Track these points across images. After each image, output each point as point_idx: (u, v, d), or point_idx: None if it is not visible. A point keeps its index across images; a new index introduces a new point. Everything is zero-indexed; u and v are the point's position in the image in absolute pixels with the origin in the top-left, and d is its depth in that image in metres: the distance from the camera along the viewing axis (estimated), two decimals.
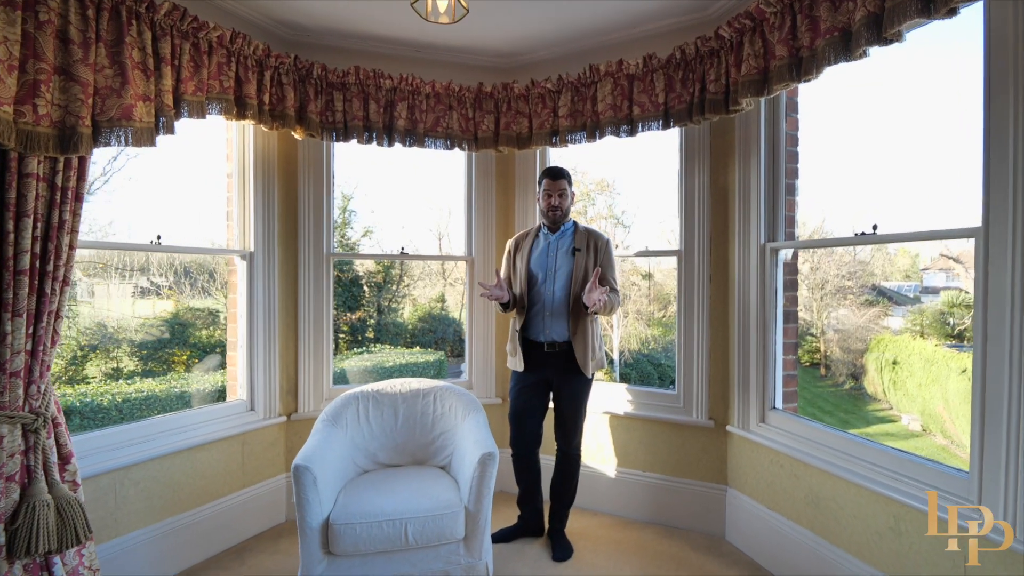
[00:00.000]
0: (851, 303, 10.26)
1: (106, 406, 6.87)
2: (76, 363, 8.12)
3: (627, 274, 12.87)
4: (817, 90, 2.55)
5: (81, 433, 2.11)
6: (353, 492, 2.13)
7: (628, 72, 2.59)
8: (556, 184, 2.49)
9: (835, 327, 10.44)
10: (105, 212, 8.03)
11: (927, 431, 8.29)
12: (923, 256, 10.16)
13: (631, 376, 12.09)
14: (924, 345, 8.66)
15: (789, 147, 2.45)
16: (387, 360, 9.68)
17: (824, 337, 10.46)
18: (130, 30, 1.97)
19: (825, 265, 10.43)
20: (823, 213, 9.59)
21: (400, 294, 12.06)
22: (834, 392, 10.09)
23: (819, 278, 10.44)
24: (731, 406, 2.62)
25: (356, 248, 11.95)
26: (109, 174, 7.83)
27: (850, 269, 10.31)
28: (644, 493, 2.83)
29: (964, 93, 6.29)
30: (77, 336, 8.04)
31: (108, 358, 8.25)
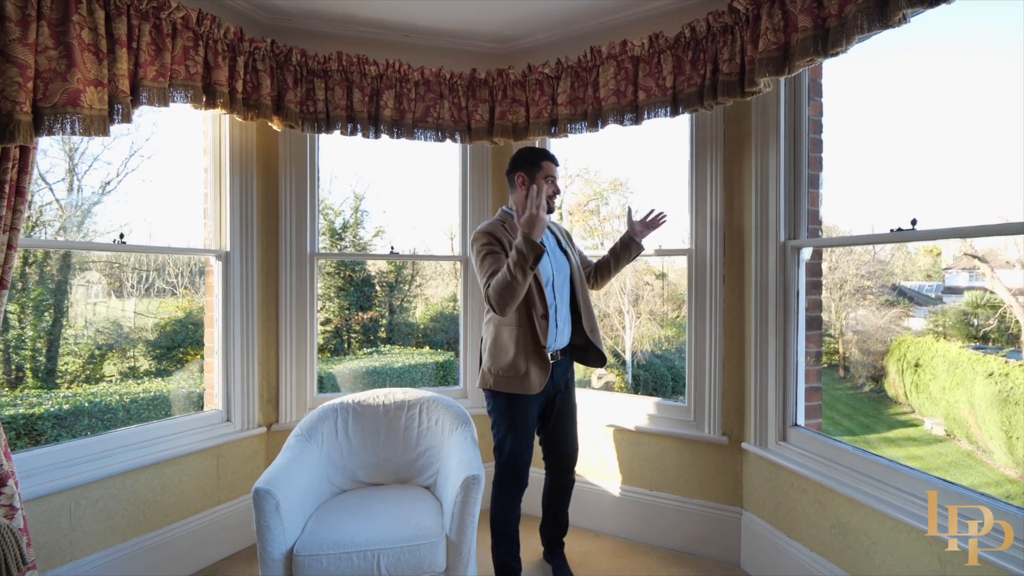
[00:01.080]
0: (871, 303, 9.91)
1: (114, 406, 6.80)
2: (94, 362, 8.10)
3: (640, 273, 12.60)
4: (843, 71, 2.27)
5: (27, 451, 1.93)
6: (325, 517, 1.93)
7: (633, 54, 2.36)
8: (557, 170, 2.19)
9: (854, 328, 10.10)
10: (120, 213, 8.03)
11: (951, 436, 7.98)
12: (945, 255, 9.78)
13: (644, 378, 11.82)
14: (948, 347, 8.35)
15: (812, 134, 2.20)
16: (395, 361, 9.53)
17: (843, 338, 10.13)
18: (79, 8, 1.79)
19: (844, 265, 10.07)
20: (847, 208, 9.21)
21: (412, 294, 11.93)
22: (853, 395, 9.77)
23: (837, 278, 10.09)
24: (747, 421, 2.37)
25: (368, 249, 11.85)
26: (124, 174, 7.82)
27: (870, 268, 9.96)
28: (651, 514, 2.60)
29: (1006, 80, 5.93)
30: (94, 336, 8.02)
31: (124, 357, 8.23)
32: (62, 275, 7.75)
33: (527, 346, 2.03)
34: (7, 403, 6.41)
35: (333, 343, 11.48)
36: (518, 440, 2.07)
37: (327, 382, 8.12)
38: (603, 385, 11.11)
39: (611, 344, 12.19)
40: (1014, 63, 1.49)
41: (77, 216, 8.08)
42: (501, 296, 1.86)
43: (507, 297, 1.86)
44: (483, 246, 2.02)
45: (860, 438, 9.01)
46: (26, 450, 1.94)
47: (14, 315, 7.41)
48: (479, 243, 2.04)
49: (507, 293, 1.85)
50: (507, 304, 1.88)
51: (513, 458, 2.08)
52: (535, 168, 2.15)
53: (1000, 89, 5.84)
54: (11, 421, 5.80)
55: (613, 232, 13.47)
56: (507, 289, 1.84)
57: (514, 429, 2.07)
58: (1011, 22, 1.59)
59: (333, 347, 11.45)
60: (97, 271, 7.94)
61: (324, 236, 11.52)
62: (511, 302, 1.88)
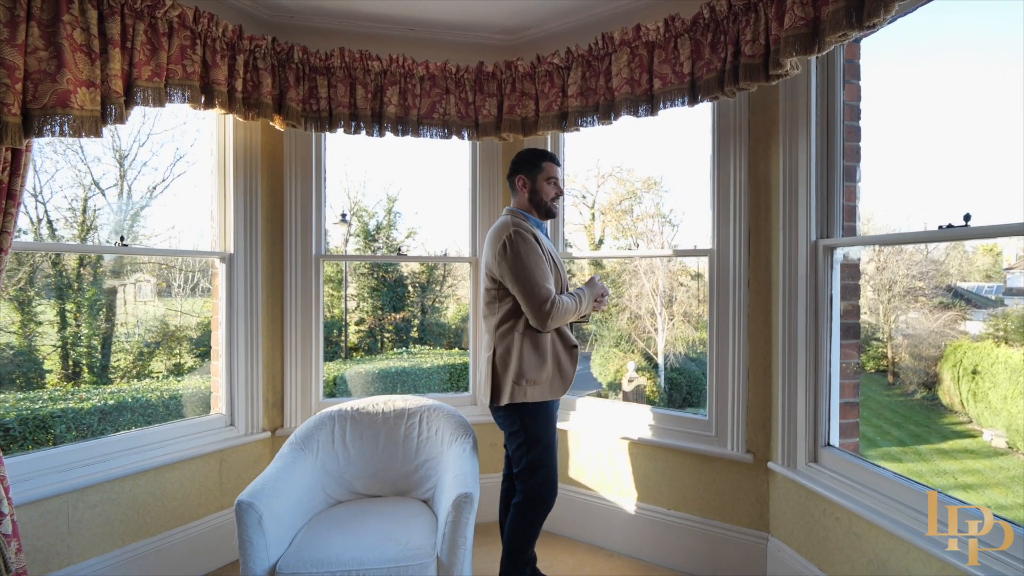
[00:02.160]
0: (923, 306, 9.28)
1: (154, 402, 7.05)
2: (142, 359, 8.45)
3: (675, 274, 12.22)
4: (886, 49, 2.04)
5: (23, 454, 1.93)
6: (314, 531, 1.85)
7: (647, 39, 2.19)
8: (560, 171, 2.10)
9: (904, 332, 9.49)
10: (166, 216, 8.37)
11: (1013, 448, 7.41)
12: (1007, 254, 9.04)
13: (678, 381, 11.46)
14: (1009, 353, 7.74)
15: (848, 121, 1.98)
16: (424, 361, 9.55)
17: (892, 342, 9.53)
18: (70, 8, 1.76)
19: (893, 264, 9.47)
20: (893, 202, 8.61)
21: (444, 294, 11.97)
22: (903, 402, 9.19)
23: (886, 278, 9.50)
24: (774, 438, 2.16)
25: (400, 249, 11.94)
26: (170, 179, 8.16)
27: (921, 269, 9.32)
28: (668, 535, 2.42)
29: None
30: (143, 334, 8.37)
31: (170, 355, 8.56)
32: (114, 276, 8.11)
33: (558, 349, 2.00)
34: (59, 397, 6.74)
35: (367, 342, 11.63)
36: (552, 457, 1.97)
37: (356, 381, 8.19)
38: (634, 389, 10.82)
39: (643, 347, 11.88)
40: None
41: (127, 220, 8.46)
42: (560, 321, 1.93)
43: (561, 324, 1.95)
44: (535, 255, 1.91)
45: (911, 449, 8.47)
46: (23, 453, 1.94)
47: (71, 313, 7.81)
48: (524, 246, 1.90)
49: (563, 322, 1.95)
50: (557, 326, 1.96)
51: (551, 476, 1.95)
52: (536, 170, 2.05)
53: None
54: (62, 415, 6.07)
55: (647, 232, 13.13)
56: (565, 320, 1.95)
57: (548, 446, 1.95)
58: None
59: (367, 346, 11.60)
60: (147, 272, 8.28)
61: (358, 238, 11.68)
62: (560, 326, 1.98)
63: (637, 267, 11.92)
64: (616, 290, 12.30)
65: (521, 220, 2.02)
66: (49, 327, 7.66)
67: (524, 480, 1.94)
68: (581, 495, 2.66)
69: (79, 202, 7.87)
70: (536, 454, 1.93)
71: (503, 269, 1.91)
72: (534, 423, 1.93)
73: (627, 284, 12.26)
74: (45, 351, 7.68)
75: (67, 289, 7.87)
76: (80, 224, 7.95)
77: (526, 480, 1.94)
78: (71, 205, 7.83)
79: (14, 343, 7.35)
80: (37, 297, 7.59)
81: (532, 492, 1.93)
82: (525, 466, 1.94)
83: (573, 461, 2.69)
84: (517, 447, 1.96)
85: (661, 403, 10.90)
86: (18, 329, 7.40)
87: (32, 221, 7.56)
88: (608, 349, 11.69)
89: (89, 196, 7.86)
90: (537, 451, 1.93)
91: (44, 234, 7.52)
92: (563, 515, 2.68)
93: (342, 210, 11.51)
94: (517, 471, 1.97)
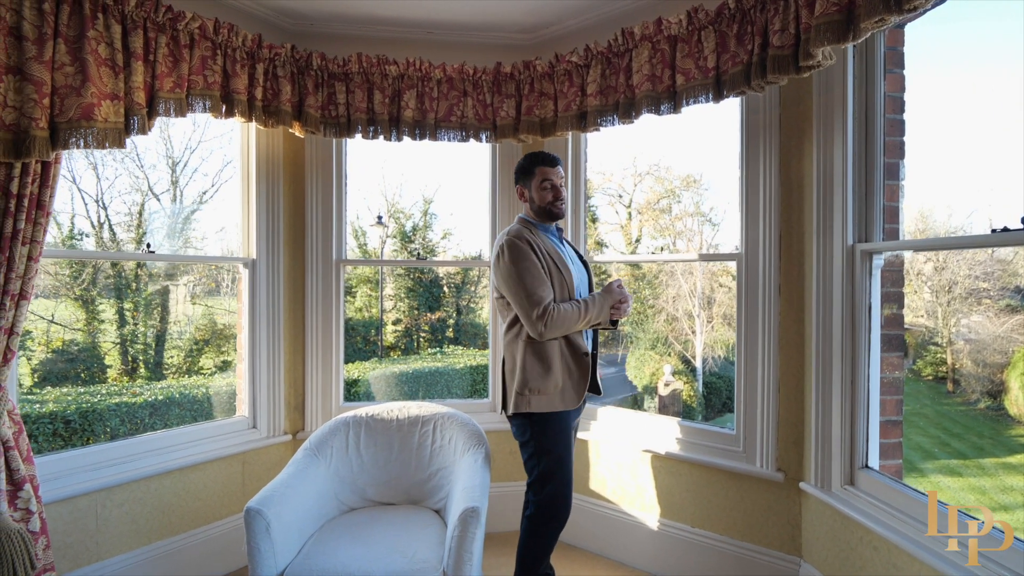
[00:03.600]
0: (987, 308, 8.61)
1: (200, 399, 7.38)
2: (192, 355, 8.89)
3: (715, 275, 11.83)
4: (935, 31, 1.86)
5: (53, 453, 2.01)
6: (324, 539, 1.84)
7: (669, 33, 2.08)
8: (556, 171, 2.00)
9: (966, 336, 8.84)
10: (216, 219, 8.78)
11: None
12: None
13: (717, 386, 11.08)
14: None
15: (890, 114, 1.81)
16: (457, 362, 9.60)
17: (952, 348, 8.90)
18: (95, 24, 1.82)
19: (953, 264, 8.82)
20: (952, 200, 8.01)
21: (479, 295, 12.04)
22: (965, 412, 8.57)
23: (945, 279, 8.88)
24: (807, 457, 2.02)
25: (436, 251, 12.09)
26: (218, 184, 8.55)
27: (986, 269, 8.64)
28: (692, 554, 2.30)
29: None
30: (193, 332, 8.79)
31: (218, 352, 8.96)
32: (168, 277, 8.56)
33: (567, 357, 1.91)
34: (115, 392, 7.14)
35: (403, 342, 11.81)
36: (564, 470, 1.89)
37: (389, 381, 8.30)
38: (670, 393, 10.53)
39: (680, 350, 11.55)
40: None
41: (179, 223, 8.90)
42: (559, 330, 1.86)
43: (562, 333, 1.87)
44: (525, 260, 1.86)
45: (972, 462, 7.91)
46: (53, 453, 2.03)
47: (128, 312, 8.30)
48: (516, 254, 1.87)
49: (565, 330, 1.87)
50: (556, 336, 1.88)
51: (562, 490, 1.87)
52: (529, 176, 2.00)
53: None
54: (116, 408, 6.42)
55: (686, 231, 12.76)
56: (566, 328, 1.86)
57: (559, 458, 1.88)
58: None
59: (403, 346, 11.78)
60: (197, 273, 8.70)
61: (395, 239, 11.88)
62: (560, 336, 1.89)
63: (674, 268, 11.60)
64: (652, 291, 12.01)
65: (524, 227, 1.98)
66: (109, 325, 8.13)
67: (536, 492, 1.89)
68: (601, 508, 2.57)
69: (136, 207, 8.33)
70: (547, 465, 1.87)
71: (498, 278, 1.92)
72: (543, 434, 1.87)
73: (664, 285, 11.95)
74: (106, 348, 8.15)
75: (125, 289, 8.33)
76: (137, 227, 8.41)
77: (537, 492, 1.88)
78: (129, 210, 8.30)
79: (79, 340, 7.84)
80: (99, 297, 8.06)
81: (543, 505, 1.87)
82: (536, 477, 1.88)
83: (593, 472, 2.61)
84: (528, 457, 1.91)
85: (699, 408, 10.56)
86: (83, 327, 7.88)
87: (94, 225, 8.05)
88: (643, 352, 11.42)
89: (145, 201, 8.31)
90: (548, 462, 1.87)
91: (106, 238, 7.99)
92: (583, 527, 2.59)
93: (378, 212, 11.72)
94: (529, 482, 1.92)
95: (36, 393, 6.63)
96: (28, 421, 5.25)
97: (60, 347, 7.67)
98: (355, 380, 7.99)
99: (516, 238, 1.90)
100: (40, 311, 7.54)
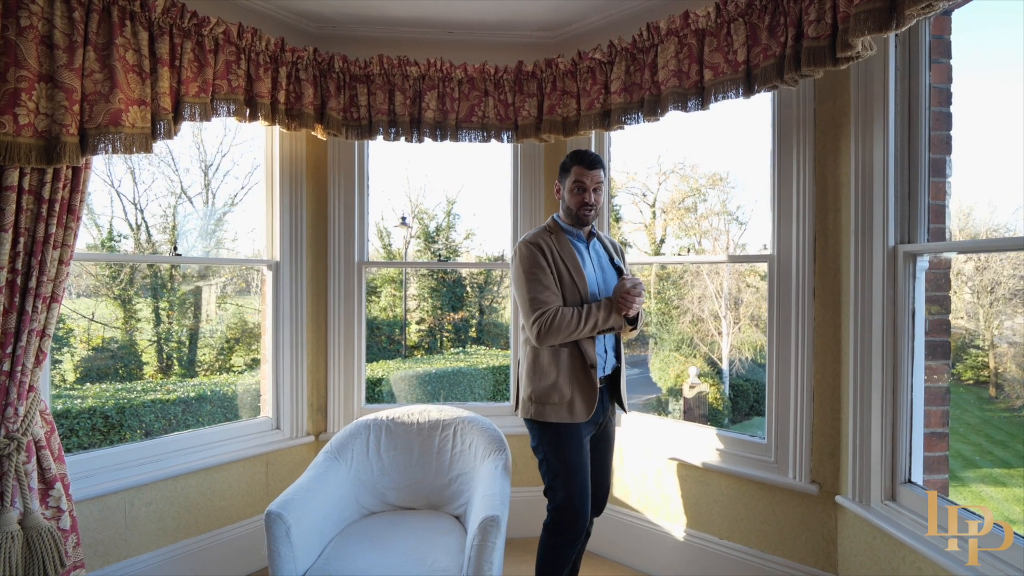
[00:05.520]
0: None
1: (230, 396, 7.56)
2: (223, 354, 9.14)
3: (741, 275, 11.54)
4: (983, 18, 1.77)
5: (83, 452, 2.06)
6: (344, 543, 1.83)
7: (697, 27, 2.00)
8: (593, 175, 1.85)
9: (1010, 339, 8.40)
10: (246, 221, 9.01)
11: None
12: None
13: (744, 388, 10.81)
14: None
15: (936, 107, 1.70)
16: (480, 362, 9.60)
17: (994, 351, 8.47)
18: (123, 31, 1.85)
19: (996, 264, 8.39)
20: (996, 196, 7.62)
21: (501, 295, 12.04)
22: (1008, 418, 8.15)
23: (987, 279, 8.45)
24: (843, 470, 1.92)
25: (459, 251, 12.13)
26: (248, 186, 8.75)
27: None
28: (720, 566, 2.21)
29: None
30: (225, 331, 9.04)
31: (248, 350, 9.19)
32: (201, 277, 8.81)
33: (572, 367, 1.82)
34: (151, 388, 7.37)
35: (427, 341, 11.89)
36: (573, 479, 1.78)
37: (412, 381, 8.35)
38: (695, 395, 10.32)
39: (706, 351, 11.30)
40: None
41: (211, 225, 9.15)
42: (556, 336, 1.77)
43: (561, 339, 1.78)
44: (532, 265, 1.83)
45: (1018, 472, 7.53)
46: (83, 452, 2.07)
47: (164, 311, 8.58)
48: (524, 258, 1.84)
49: (564, 336, 1.77)
50: (556, 343, 1.80)
51: (571, 500, 1.77)
52: (565, 174, 1.92)
53: None
54: (151, 405, 6.63)
55: (711, 230, 12.49)
56: (566, 334, 1.77)
57: (567, 466, 1.79)
58: None
59: (427, 345, 11.86)
60: (228, 272, 8.93)
61: (419, 240, 11.97)
62: (560, 342, 1.80)
63: (699, 268, 11.37)
64: (677, 292, 11.78)
65: (546, 230, 1.94)
66: (146, 324, 8.40)
67: (550, 499, 1.85)
68: (625, 516, 2.51)
69: (170, 209, 8.59)
70: (550, 477, 1.82)
71: (511, 281, 1.91)
72: (551, 442, 1.81)
73: (689, 285, 11.72)
74: (143, 345, 8.42)
75: (161, 289, 8.60)
76: (171, 229, 8.68)
77: (551, 499, 1.84)
78: (164, 212, 8.57)
79: (118, 338, 8.12)
80: (136, 296, 8.34)
81: (552, 515, 1.82)
82: (547, 485, 1.85)
83: (618, 479, 2.54)
84: (540, 463, 1.87)
85: (725, 412, 10.30)
86: (121, 325, 8.17)
87: (132, 227, 8.33)
88: (668, 353, 11.22)
89: (179, 203, 8.56)
90: (551, 474, 1.82)
91: (143, 239, 8.25)
92: (606, 535, 2.53)
93: (402, 213, 11.83)
94: (544, 489, 1.88)
95: (77, 389, 6.90)
96: (69, 416, 5.44)
97: (100, 344, 7.96)
98: (379, 379, 8.06)
99: (529, 243, 1.86)
100: (82, 310, 7.84)
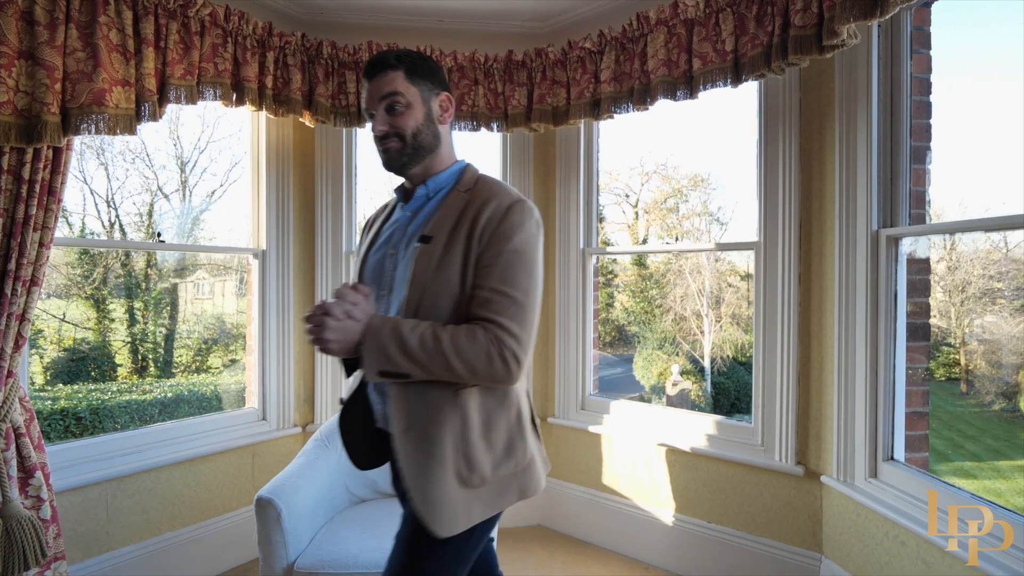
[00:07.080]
0: (1002, 309, 8.47)
1: (209, 396, 7.41)
2: (201, 354, 8.93)
3: (722, 275, 11.71)
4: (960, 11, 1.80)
5: (64, 443, 2.00)
6: (336, 529, 1.81)
7: (686, 16, 2.04)
8: (376, 85, 1.15)
9: (980, 337, 8.69)
10: (224, 219, 8.82)
11: None
12: None
13: (725, 386, 10.98)
14: None
15: (916, 96, 1.76)
16: None
17: (965, 348, 8.75)
18: (107, 10, 1.81)
19: (967, 264, 8.68)
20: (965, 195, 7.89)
21: None
22: (979, 413, 8.44)
23: (959, 279, 8.72)
24: (827, 450, 1.96)
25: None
26: (227, 184, 8.55)
27: (1000, 268, 8.50)
28: (709, 550, 2.25)
29: None
30: (202, 331, 8.83)
31: (226, 351, 9.00)
32: (177, 275, 8.60)
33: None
34: (126, 389, 7.17)
35: None
36: None
37: None
38: (678, 393, 10.44)
39: (687, 349, 11.45)
40: None
41: (188, 223, 8.94)
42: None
43: None
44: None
45: (988, 464, 7.78)
46: (64, 442, 2.01)
47: (139, 311, 8.35)
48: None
49: None
50: None
51: None
52: None
53: None
54: (126, 405, 6.45)
55: (693, 230, 12.68)
56: None
57: None
58: None
59: None
60: (205, 272, 8.73)
61: None
62: None
63: (682, 267, 11.50)
64: (660, 290, 11.92)
65: None
66: (119, 324, 8.16)
67: None
68: (615, 503, 2.53)
69: (145, 207, 8.36)
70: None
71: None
72: (474, 546, 1.23)
73: (671, 284, 11.86)
74: (116, 346, 8.19)
75: (135, 288, 8.37)
76: (147, 227, 8.45)
77: None
78: (139, 210, 8.34)
79: (90, 339, 7.88)
80: (110, 296, 8.10)
81: None
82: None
83: (607, 467, 2.56)
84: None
85: (707, 409, 10.45)
86: (94, 325, 7.92)
87: (105, 225, 8.09)
88: (651, 351, 11.34)
89: (155, 201, 8.35)
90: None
91: (116, 237, 8.03)
92: (596, 523, 2.55)
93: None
94: None
95: (48, 390, 6.67)
96: (39, 417, 5.28)
97: (71, 346, 7.71)
98: None
99: None
100: (52, 310, 7.59)
